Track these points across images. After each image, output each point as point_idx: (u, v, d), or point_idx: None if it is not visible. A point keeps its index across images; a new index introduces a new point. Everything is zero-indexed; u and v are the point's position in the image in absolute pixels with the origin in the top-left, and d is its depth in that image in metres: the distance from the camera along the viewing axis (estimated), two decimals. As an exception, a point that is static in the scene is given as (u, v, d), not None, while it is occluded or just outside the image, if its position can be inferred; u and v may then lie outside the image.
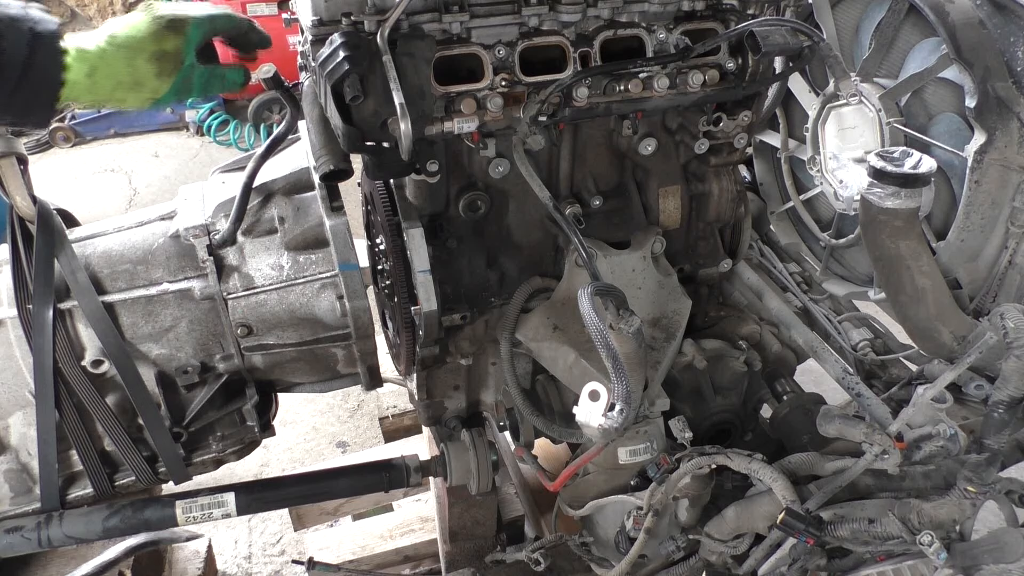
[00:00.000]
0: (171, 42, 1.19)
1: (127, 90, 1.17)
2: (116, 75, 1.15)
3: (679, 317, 1.41)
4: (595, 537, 1.37)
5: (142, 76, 1.17)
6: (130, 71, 1.16)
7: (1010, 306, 1.22)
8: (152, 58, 1.17)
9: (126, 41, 1.16)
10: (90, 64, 1.12)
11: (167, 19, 1.19)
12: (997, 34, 1.41)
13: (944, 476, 1.19)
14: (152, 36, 1.18)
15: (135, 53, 1.16)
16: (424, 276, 1.36)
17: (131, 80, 1.16)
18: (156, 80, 1.19)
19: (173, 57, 1.20)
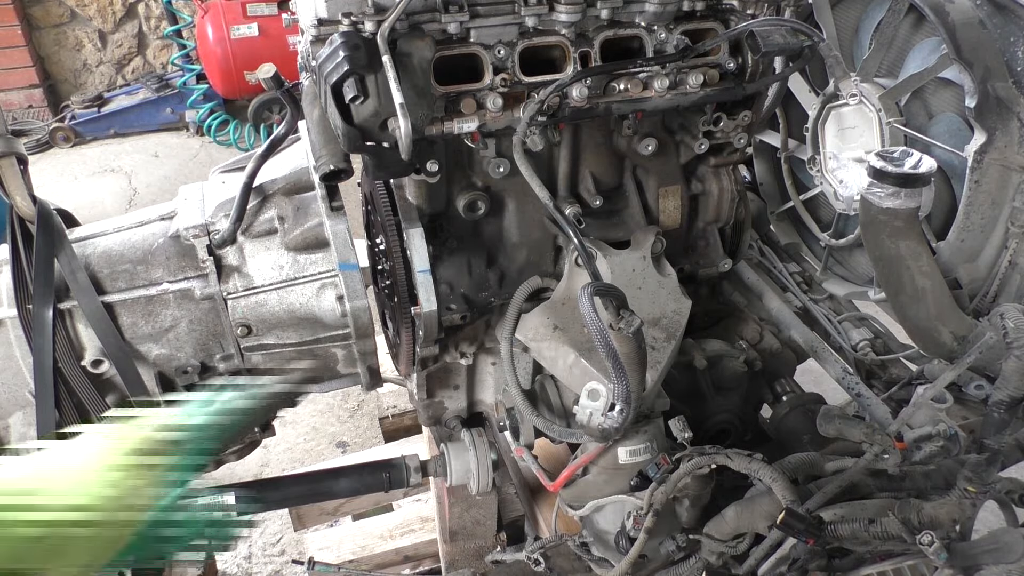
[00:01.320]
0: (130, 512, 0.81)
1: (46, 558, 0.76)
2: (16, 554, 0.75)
3: (679, 317, 1.41)
4: (595, 537, 1.37)
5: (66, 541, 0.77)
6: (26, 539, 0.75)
7: (1010, 306, 1.22)
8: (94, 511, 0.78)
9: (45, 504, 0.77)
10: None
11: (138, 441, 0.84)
12: (997, 34, 1.41)
13: (944, 476, 1.19)
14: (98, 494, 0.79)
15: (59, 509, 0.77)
16: (424, 276, 1.36)
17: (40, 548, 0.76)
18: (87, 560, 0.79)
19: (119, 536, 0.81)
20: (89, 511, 0.77)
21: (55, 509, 0.76)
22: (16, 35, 6.25)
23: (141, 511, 0.80)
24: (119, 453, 0.80)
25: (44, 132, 6.10)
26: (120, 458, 0.80)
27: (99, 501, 0.78)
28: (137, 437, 0.82)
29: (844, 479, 1.17)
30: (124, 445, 0.81)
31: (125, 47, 6.74)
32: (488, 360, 1.64)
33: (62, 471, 0.79)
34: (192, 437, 0.85)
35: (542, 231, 1.48)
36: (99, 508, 0.78)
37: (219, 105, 6.06)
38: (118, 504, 0.79)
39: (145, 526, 0.81)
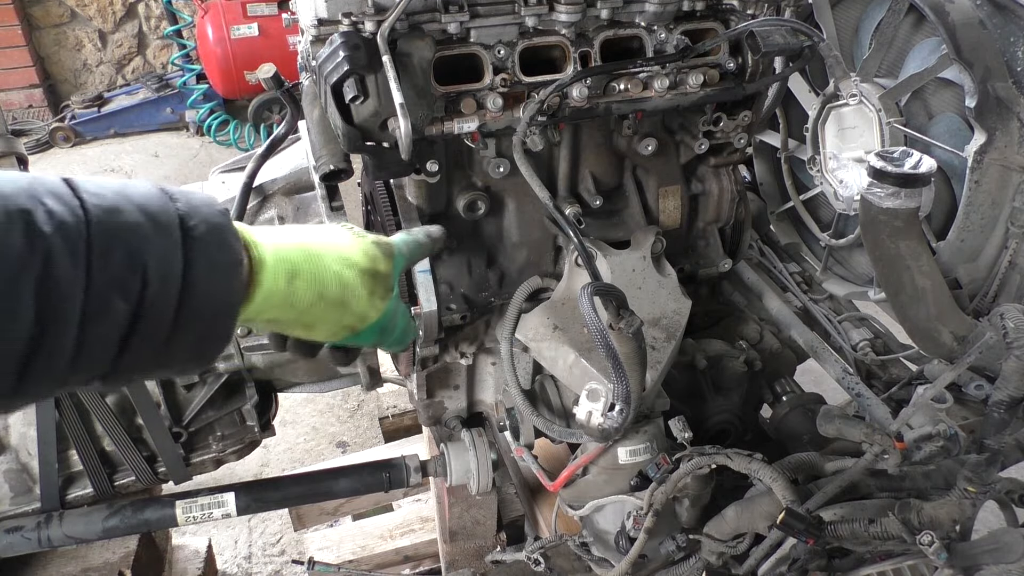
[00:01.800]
0: (383, 263, 0.91)
1: (329, 308, 0.84)
2: (322, 285, 0.83)
3: (679, 317, 1.41)
4: (595, 537, 1.37)
5: (353, 294, 0.86)
6: (339, 284, 0.84)
7: (1010, 306, 1.22)
8: (365, 275, 0.88)
9: (336, 247, 0.86)
10: (292, 265, 0.79)
11: (373, 238, 0.92)
12: (997, 34, 1.41)
13: (944, 476, 1.19)
14: (363, 251, 0.89)
15: (347, 263, 0.86)
16: (424, 276, 1.36)
17: (338, 296, 0.84)
18: (367, 302, 0.88)
19: (384, 281, 0.91)
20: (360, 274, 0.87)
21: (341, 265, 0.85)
22: (16, 35, 6.25)
23: (387, 292, 0.92)
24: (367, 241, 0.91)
25: (44, 132, 6.10)
26: (369, 245, 0.91)
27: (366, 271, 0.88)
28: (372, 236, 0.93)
29: (844, 479, 1.17)
30: (367, 237, 0.92)
31: (125, 47, 6.74)
32: (488, 360, 1.64)
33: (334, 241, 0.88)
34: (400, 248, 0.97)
35: (542, 231, 1.48)
36: (367, 274, 0.88)
37: (219, 105, 6.06)
38: (376, 277, 0.89)
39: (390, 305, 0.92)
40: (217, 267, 0.70)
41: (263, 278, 0.76)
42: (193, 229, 0.68)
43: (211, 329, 0.71)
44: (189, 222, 0.68)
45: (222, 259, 0.71)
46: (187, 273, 0.66)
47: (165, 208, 0.67)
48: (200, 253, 0.68)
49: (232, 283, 0.72)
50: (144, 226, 0.65)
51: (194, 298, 0.67)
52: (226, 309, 0.72)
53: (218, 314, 0.71)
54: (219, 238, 0.71)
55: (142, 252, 0.63)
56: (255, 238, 0.78)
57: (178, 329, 0.67)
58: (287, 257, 0.79)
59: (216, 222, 0.71)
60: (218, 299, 0.71)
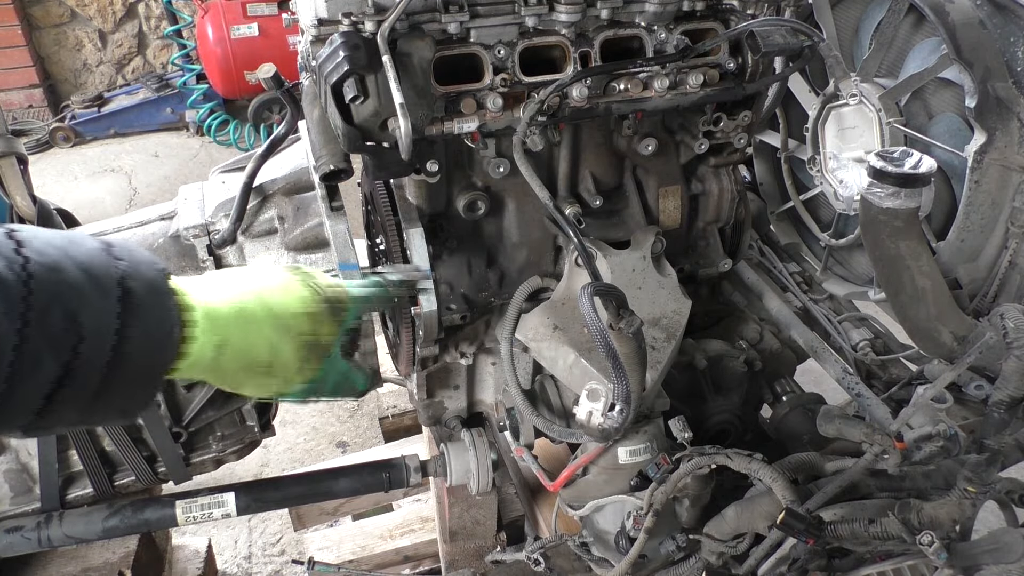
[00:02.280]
0: (327, 328, 0.90)
1: (254, 375, 0.84)
2: (250, 358, 0.82)
3: (679, 317, 1.41)
4: (595, 537, 1.37)
5: (282, 364, 0.85)
6: (270, 355, 0.83)
7: (1010, 306, 1.22)
8: (302, 345, 0.86)
9: (280, 310, 0.84)
10: (223, 337, 0.78)
11: (328, 296, 0.90)
12: (997, 34, 1.41)
13: (944, 476, 1.19)
14: (310, 316, 0.87)
15: (285, 332, 0.84)
16: (424, 276, 1.36)
17: (266, 366, 0.84)
18: (295, 373, 0.87)
19: (322, 348, 0.90)
20: (297, 345, 0.86)
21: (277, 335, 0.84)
22: (16, 35, 6.25)
23: (322, 357, 0.90)
24: (319, 302, 0.90)
25: (44, 132, 6.10)
26: (319, 307, 0.89)
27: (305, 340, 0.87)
28: (328, 291, 0.92)
29: (844, 479, 1.17)
30: (320, 295, 0.91)
31: (125, 47, 6.74)
32: (488, 360, 1.64)
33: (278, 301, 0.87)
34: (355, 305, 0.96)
35: (542, 231, 1.48)
36: (304, 345, 0.87)
37: (219, 105, 6.06)
38: (313, 346, 0.88)
39: (321, 371, 0.91)
40: (151, 333, 0.71)
41: (191, 348, 0.76)
42: (132, 291, 0.69)
43: (138, 389, 0.72)
44: (129, 283, 0.69)
45: (157, 325, 0.71)
46: (121, 336, 0.67)
47: (107, 269, 0.68)
48: (136, 317, 0.68)
49: (164, 348, 0.73)
50: (84, 286, 0.65)
51: (125, 360, 0.68)
52: (154, 372, 0.73)
53: (146, 377, 0.72)
54: (157, 302, 0.72)
55: (79, 312, 0.64)
56: (191, 299, 0.77)
57: (105, 388, 0.67)
58: (220, 326, 0.79)
59: (156, 285, 0.72)
60: (148, 362, 0.71)
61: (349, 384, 0.99)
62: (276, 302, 0.86)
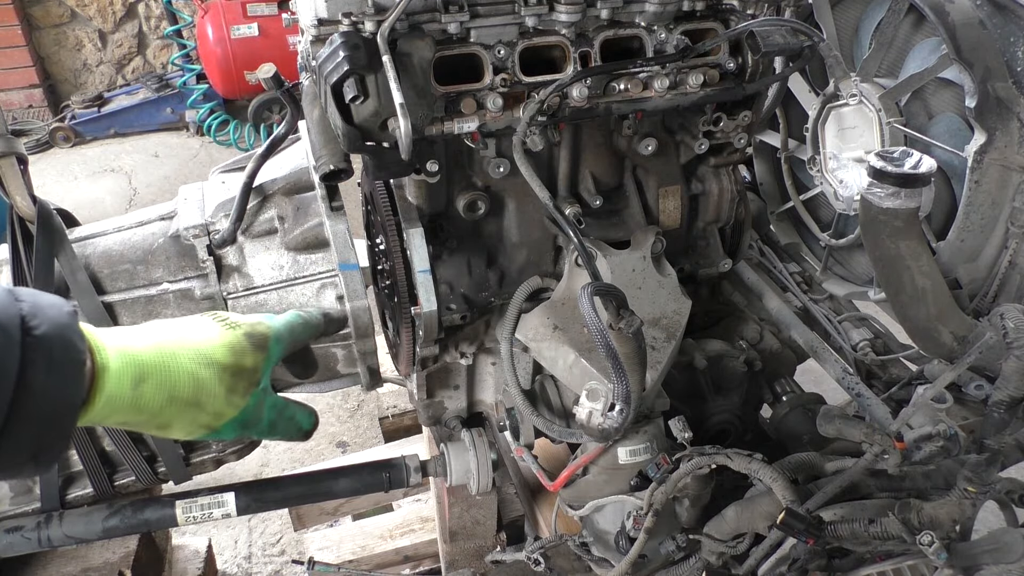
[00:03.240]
0: (250, 357, 0.90)
1: (182, 409, 0.83)
2: (173, 387, 0.81)
3: (679, 317, 1.41)
4: (595, 537, 1.37)
5: (207, 393, 0.85)
6: (193, 385, 0.83)
7: (1010, 306, 1.22)
8: (225, 372, 0.87)
9: (196, 344, 0.85)
10: (140, 369, 0.78)
11: (245, 329, 0.91)
12: (997, 34, 1.41)
13: (944, 476, 1.19)
14: (228, 346, 0.88)
15: (205, 362, 0.85)
16: (424, 276, 1.36)
17: (191, 397, 0.83)
18: (223, 401, 0.87)
19: (249, 376, 0.90)
20: (220, 372, 0.86)
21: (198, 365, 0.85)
22: (16, 35, 6.25)
23: (250, 387, 0.90)
24: (237, 334, 0.91)
25: (44, 132, 6.10)
26: (237, 338, 0.90)
27: (227, 368, 0.87)
28: (246, 325, 0.93)
29: (844, 479, 1.17)
30: (237, 328, 0.92)
31: (125, 47, 6.74)
32: (488, 360, 1.64)
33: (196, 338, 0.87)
34: (277, 335, 0.97)
35: (542, 231, 1.48)
36: (227, 372, 0.87)
37: (219, 105, 6.06)
38: (237, 374, 0.88)
39: (251, 401, 0.91)
40: (56, 368, 0.69)
41: (106, 382, 0.75)
42: (34, 329, 0.67)
43: (48, 431, 0.69)
44: (31, 322, 0.68)
45: (63, 358, 0.70)
46: (23, 372, 0.65)
47: (6, 308, 0.67)
48: (39, 353, 0.67)
49: (71, 385, 0.71)
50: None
51: (30, 398, 0.66)
52: (64, 411, 0.70)
53: (56, 416, 0.69)
54: (62, 339, 0.70)
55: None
56: (102, 341, 0.76)
57: (11, 428, 0.65)
58: (135, 360, 0.78)
59: (60, 323, 0.71)
60: (56, 401, 0.69)
61: (288, 420, 0.97)
62: (192, 336, 0.86)
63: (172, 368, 0.82)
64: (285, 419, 0.97)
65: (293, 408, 0.98)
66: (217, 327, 0.89)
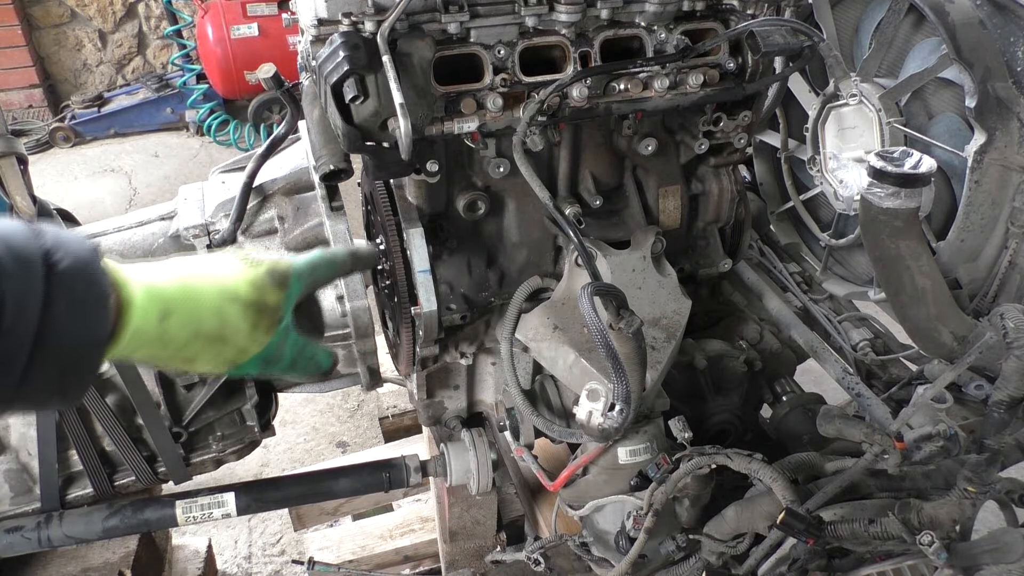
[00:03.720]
0: (272, 294, 0.90)
1: (206, 344, 0.84)
2: (198, 321, 0.82)
3: (679, 317, 1.41)
4: (595, 537, 1.37)
5: (232, 328, 0.85)
6: (217, 320, 0.84)
7: (1010, 306, 1.22)
8: (248, 308, 0.87)
9: (219, 279, 0.85)
10: (165, 304, 0.78)
11: (267, 266, 0.91)
12: (997, 34, 1.41)
13: (944, 476, 1.19)
14: (251, 282, 0.88)
15: (229, 297, 0.85)
16: (424, 276, 1.36)
17: (216, 332, 0.84)
18: (247, 336, 0.87)
19: (271, 313, 0.90)
20: (244, 308, 0.86)
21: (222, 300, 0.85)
22: (16, 35, 6.25)
23: (273, 324, 0.90)
24: (259, 271, 0.90)
25: (44, 132, 6.10)
26: (259, 275, 0.89)
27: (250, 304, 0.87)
28: (268, 262, 0.92)
29: (844, 479, 1.17)
30: (259, 266, 0.91)
31: (125, 47, 6.74)
32: (488, 360, 1.64)
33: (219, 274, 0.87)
34: (298, 272, 0.95)
35: (542, 231, 1.48)
36: (251, 308, 0.87)
37: (219, 105, 6.06)
38: (261, 310, 0.88)
39: (274, 338, 0.91)
40: (80, 303, 0.68)
41: (131, 317, 0.74)
42: (57, 264, 0.66)
43: (73, 365, 0.69)
44: (53, 256, 0.67)
45: (87, 294, 0.69)
46: (47, 307, 0.65)
47: (28, 242, 0.66)
48: (63, 288, 0.66)
49: (96, 319, 0.70)
50: (3, 259, 0.63)
51: (54, 333, 0.65)
52: (90, 346, 0.70)
53: (81, 351, 0.70)
54: (85, 274, 0.69)
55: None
56: (127, 276, 0.76)
57: (35, 364, 0.65)
58: (160, 295, 0.78)
59: (83, 258, 0.69)
60: (81, 335, 0.69)
61: (309, 358, 0.98)
62: (215, 271, 0.86)
63: (197, 303, 0.82)
64: (306, 357, 0.98)
65: (313, 347, 0.99)
66: (239, 263, 0.89)
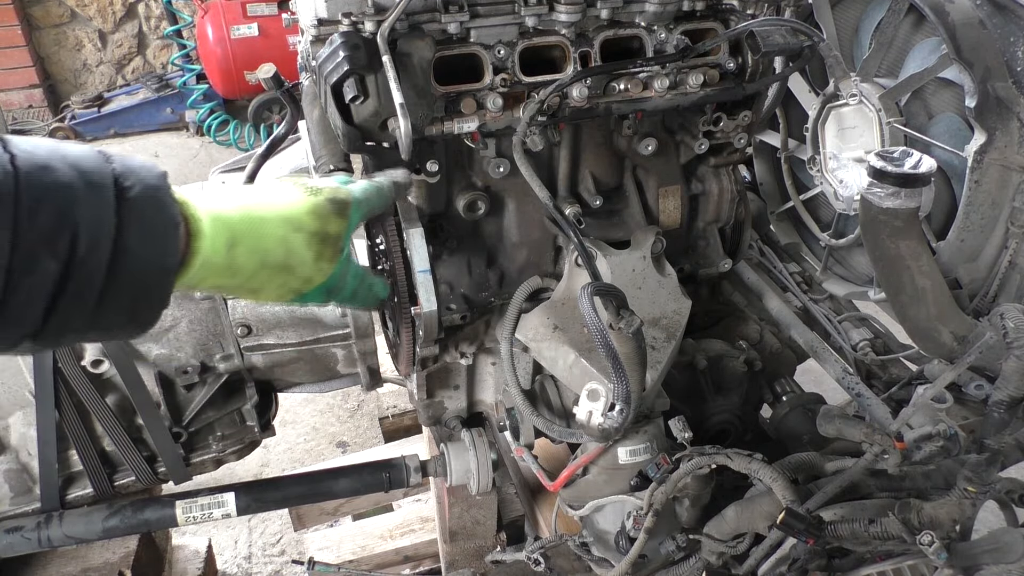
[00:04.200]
0: (334, 224, 0.90)
1: (273, 274, 0.84)
2: (264, 252, 0.82)
3: (679, 317, 1.41)
4: (595, 537, 1.37)
5: (298, 259, 0.85)
6: (283, 250, 0.84)
7: (1010, 306, 1.22)
8: (313, 239, 0.87)
9: (283, 211, 0.85)
10: (232, 233, 0.78)
11: (327, 194, 0.90)
12: (997, 34, 1.41)
13: (944, 476, 1.19)
14: (313, 212, 0.87)
15: (293, 227, 0.85)
16: (424, 276, 1.35)
17: (282, 262, 0.84)
18: (312, 267, 0.87)
19: (334, 243, 0.90)
20: (308, 238, 0.87)
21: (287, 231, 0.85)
22: (16, 35, 6.24)
23: (336, 253, 0.91)
24: (320, 199, 0.89)
25: (44, 132, 6.09)
26: (321, 204, 0.89)
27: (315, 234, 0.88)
28: (327, 191, 0.91)
29: (844, 479, 1.17)
30: (319, 194, 0.90)
31: (125, 47, 6.74)
32: (488, 360, 1.64)
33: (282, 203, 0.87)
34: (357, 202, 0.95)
35: (542, 231, 1.48)
36: (315, 238, 0.87)
37: (219, 105, 6.06)
38: (324, 240, 0.89)
39: (337, 268, 0.92)
40: (151, 230, 0.68)
41: (201, 246, 0.75)
42: (128, 190, 0.66)
43: (145, 292, 0.70)
44: (124, 183, 0.66)
45: (157, 222, 0.69)
46: (120, 234, 0.65)
47: (100, 168, 0.66)
48: (134, 215, 0.66)
49: (167, 247, 0.71)
50: (76, 184, 0.63)
51: (127, 260, 0.66)
52: (161, 273, 0.71)
53: (152, 277, 0.70)
54: (155, 201, 0.69)
55: (72, 210, 0.62)
56: (194, 204, 0.76)
57: (110, 291, 0.65)
58: (228, 224, 0.78)
59: (153, 184, 0.69)
60: (152, 262, 0.69)
61: (368, 288, 0.99)
62: (279, 201, 0.86)
63: (262, 233, 0.82)
64: (366, 287, 0.99)
65: (371, 278, 1.00)
66: (300, 192, 0.89)
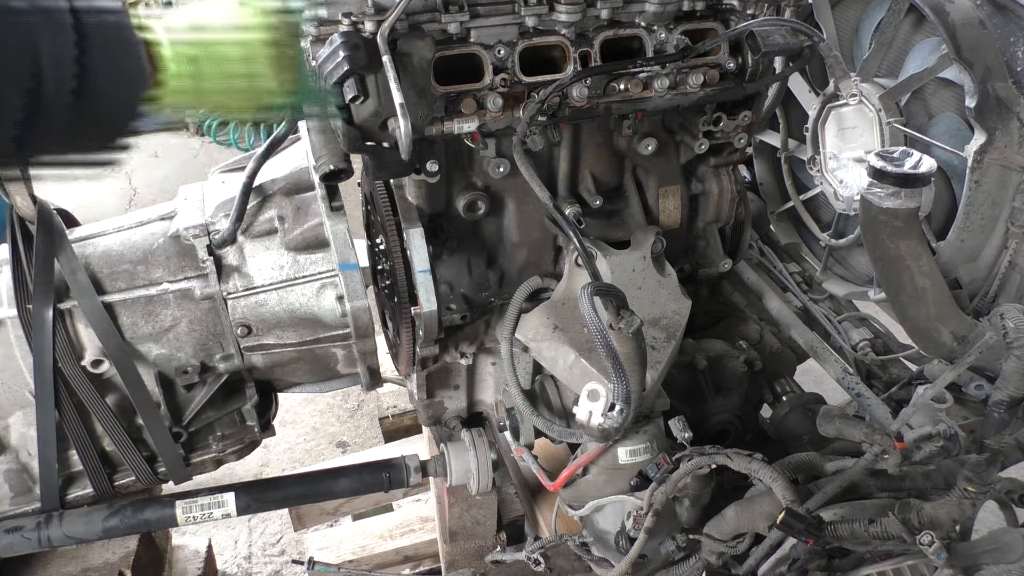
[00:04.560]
0: (287, 39, 0.95)
1: (241, 98, 0.89)
2: (228, 72, 0.86)
3: (679, 317, 1.41)
4: (595, 537, 1.37)
5: (260, 75, 0.90)
6: (246, 67, 0.88)
7: (1010, 306, 1.22)
8: (271, 63, 0.92)
9: (238, 41, 0.89)
10: (192, 57, 0.82)
11: (279, 9, 0.94)
12: (997, 34, 1.41)
13: (944, 476, 1.19)
14: (265, 27, 0.91)
15: (250, 56, 0.89)
16: (424, 276, 1.36)
17: (246, 87, 0.88)
18: (276, 81, 0.93)
19: (291, 58, 0.95)
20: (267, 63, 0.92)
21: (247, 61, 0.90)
22: (16, 35, 6.24)
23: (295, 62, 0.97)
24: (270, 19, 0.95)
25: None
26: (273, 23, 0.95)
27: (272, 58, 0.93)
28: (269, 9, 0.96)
29: (844, 479, 1.17)
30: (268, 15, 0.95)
31: (125, 47, 6.74)
32: (488, 360, 1.64)
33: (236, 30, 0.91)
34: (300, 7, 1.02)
35: (542, 231, 1.48)
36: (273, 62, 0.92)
37: (219, 105, 6.05)
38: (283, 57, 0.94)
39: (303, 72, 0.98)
40: (114, 52, 0.74)
41: (166, 74, 0.80)
42: (85, 15, 0.71)
43: (116, 114, 0.75)
44: (79, 9, 0.72)
45: (119, 45, 0.75)
46: (82, 56, 0.69)
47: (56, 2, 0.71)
48: (96, 39, 0.71)
49: (131, 67, 0.76)
50: (32, 16, 0.68)
51: (92, 81, 0.70)
52: (128, 92, 0.75)
53: (120, 97, 0.74)
54: (115, 26, 0.75)
55: (32, 40, 0.67)
56: (157, 36, 0.81)
57: (81, 113, 0.70)
58: (186, 47, 0.82)
59: (111, 11, 0.75)
60: (118, 83, 0.74)
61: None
62: (232, 29, 0.89)
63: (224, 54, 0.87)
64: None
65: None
66: (248, 13, 0.92)
